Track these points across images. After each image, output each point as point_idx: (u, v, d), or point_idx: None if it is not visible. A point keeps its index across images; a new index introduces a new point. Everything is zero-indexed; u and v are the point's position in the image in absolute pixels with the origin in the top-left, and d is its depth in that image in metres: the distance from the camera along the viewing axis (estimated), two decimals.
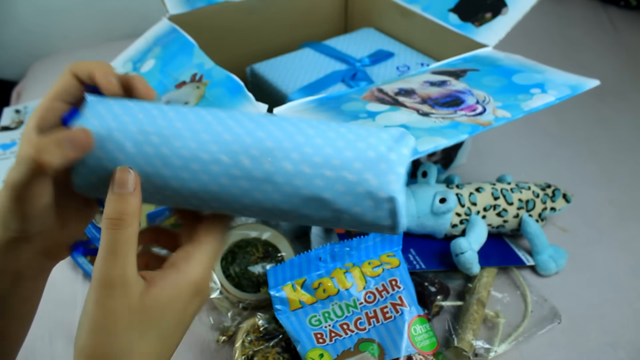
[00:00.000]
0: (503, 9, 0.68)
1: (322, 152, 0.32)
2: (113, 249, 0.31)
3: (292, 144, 0.32)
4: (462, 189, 0.66)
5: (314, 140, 0.32)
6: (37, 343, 0.59)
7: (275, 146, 0.32)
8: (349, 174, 0.32)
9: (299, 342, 0.54)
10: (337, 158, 0.32)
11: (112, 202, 0.31)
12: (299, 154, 0.32)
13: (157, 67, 0.66)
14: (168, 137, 0.33)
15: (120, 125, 0.33)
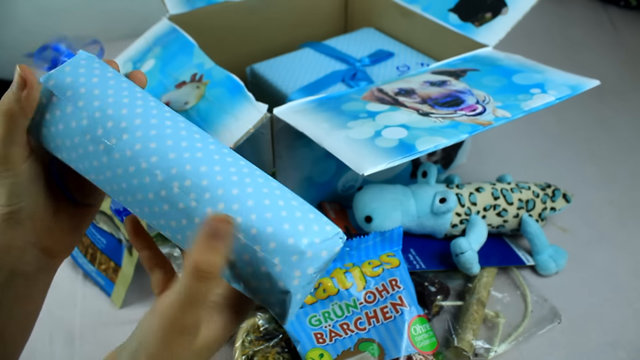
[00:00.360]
0: (503, 9, 0.68)
1: (247, 217, 0.32)
2: (193, 299, 0.31)
3: (225, 196, 0.32)
4: (462, 189, 0.66)
5: (247, 201, 0.32)
6: (37, 343, 0.59)
7: (208, 187, 0.32)
8: (260, 250, 0.31)
9: (299, 342, 0.54)
10: (257, 228, 0.31)
11: (205, 253, 0.30)
12: (226, 209, 0.32)
13: (157, 67, 0.66)
14: (119, 129, 0.33)
15: (86, 93, 0.34)
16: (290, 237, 0.31)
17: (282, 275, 0.31)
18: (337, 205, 0.69)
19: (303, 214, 0.33)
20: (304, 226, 0.32)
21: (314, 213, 0.33)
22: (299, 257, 0.31)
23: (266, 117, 0.54)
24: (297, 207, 0.33)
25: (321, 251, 0.32)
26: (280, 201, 0.33)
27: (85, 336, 0.60)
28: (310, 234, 0.32)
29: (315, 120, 0.52)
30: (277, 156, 0.61)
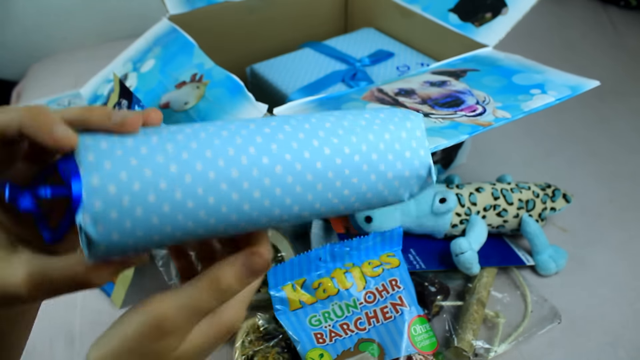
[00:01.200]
0: (503, 9, 0.68)
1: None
2: (199, 310, 0.30)
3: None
4: (462, 189, 0.66)
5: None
6: (37, 343, 0.59)
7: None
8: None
9: (299, 342, 0.54)
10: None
11: (235, 279, 0.31)
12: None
13: (157, 67, 0.66)
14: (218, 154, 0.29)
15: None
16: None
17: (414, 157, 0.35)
18: None
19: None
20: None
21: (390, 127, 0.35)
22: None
23: None
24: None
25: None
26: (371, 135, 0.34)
27: (85, 336, 0.60)
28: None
29: None
30: None
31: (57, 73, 1.10)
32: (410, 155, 0.34)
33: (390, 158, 0.34)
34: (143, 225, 0.27)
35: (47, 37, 1.19)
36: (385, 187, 0.34)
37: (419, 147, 0.35)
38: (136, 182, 0.26)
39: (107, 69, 0.72)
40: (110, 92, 0.67)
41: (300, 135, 0.32)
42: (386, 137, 0.34)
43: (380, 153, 0.34)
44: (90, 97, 0.70)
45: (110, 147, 0.27)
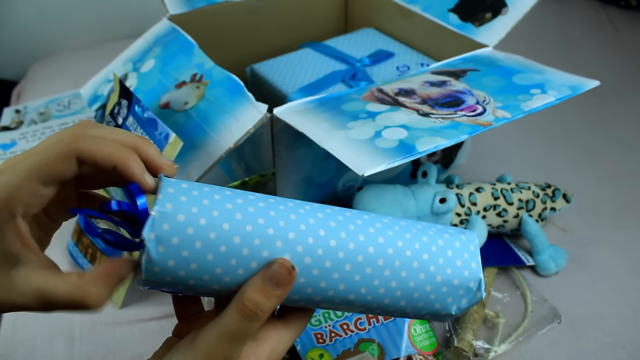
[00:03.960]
0: (503, 9, 0.68)
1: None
2: (234, 334, 0.31)
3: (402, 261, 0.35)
4: (462, 189, 0.66)
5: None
6: (37, 343, 0.59)
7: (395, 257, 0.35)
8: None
9: (299, 342, 0.54)
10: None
11: (258, 293, 0.30)
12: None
13: (157, 67, 0.66)
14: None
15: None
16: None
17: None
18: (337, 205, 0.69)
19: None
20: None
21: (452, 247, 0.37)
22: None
23: (266, 117, 0.54)
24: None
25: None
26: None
27: (85, 336, 0.60)
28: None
29: (315, 120, 0.52)
30: (277, 156, 0.61)
31: (57, 73, 1.10)
32: (462, 264, 0.36)
33: (440, 262, 0.35)
34: (198, 259, 0.30)
35: (47, 37, 1.19)
36: (433, 290, 0.35)
37: (471, 259, 0.36)
38: (202, 218, 0.30)
39: (107, 69, 0.72)
40: (110, 92, 0.67)
41: (358, 222, 0.35)
42: (440, 243, 0.36)
43: (432, 255, 0.35)
44: (90, 97, 0.70)
45: (189, 187, 0.31)
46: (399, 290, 0.34)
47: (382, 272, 0.34)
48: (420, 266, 0.34)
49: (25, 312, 0.62)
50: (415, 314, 0.36)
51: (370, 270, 0.33)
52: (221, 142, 0.54)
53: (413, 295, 0.35)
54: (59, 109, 0.96)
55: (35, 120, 0.94)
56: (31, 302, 0.29)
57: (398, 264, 0.34)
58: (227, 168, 0.77)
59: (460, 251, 0.36)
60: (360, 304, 0.34)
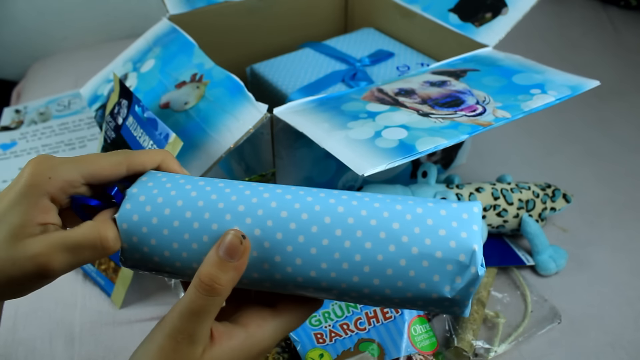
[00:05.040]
0: (503, 9, 0.68)
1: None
2: (194, 311, 0.30)
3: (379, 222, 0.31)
4: (462, 189, 0.66)
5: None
6: (37, 343, 0.59)
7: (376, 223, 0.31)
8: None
9: (299, 342, 0.54)
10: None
11: (212, 266, 0.30)
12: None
13: (157, 67, 0.66)
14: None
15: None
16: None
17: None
18: None
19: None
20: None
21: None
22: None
23: (266, 117, 0.54)
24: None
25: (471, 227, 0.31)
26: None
27: (85, 336, 0.60)
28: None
29: (315, 120, 0.52)
30: (277, 156, 0.61)
31: (57, 73, 1.10)
32: (446, 234, 0.29)
33: (416, 231, 0.29)
34: (156, 235, 0.32)
35: (47, 37, 1.19)
36: (410, 265, 0.29)
37: (462, 228, 0.29)
38: (160, 197, 0.33)
39: (107, 69, 0.72)
40: (110, 92, 0.67)
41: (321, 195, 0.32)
42: (418, 211, 0.30)
43: (405, 223, 0.29)
44: (90, 97, 0.70)
45: (164, 177, 0.35)
46: (367, 266, 0.29)
47: (341, 244, 0.29)
48: (388, 236, 0.29)
49: (25, 312, 0.62)
50: (401, 298, 0.30)
51: (328, 242, 0.30)
52: (221, 142, 0.54)
53: (386, 272, 0.29)
54: (59, 109, 0.96)
55: (35, 120, 0.94)
56: (58, 259, 0.31)
57: (360, 234, 0.29)
58: (227, 168, 0.77)
59: (446, 219, 0.30)
60: (327, 284, 0.31)
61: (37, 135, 0.90)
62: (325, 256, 0.30)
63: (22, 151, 0.87)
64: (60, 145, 0.87)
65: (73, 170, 0.33)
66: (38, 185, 0.32)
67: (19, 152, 0.87)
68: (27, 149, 0.87)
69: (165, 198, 0.33)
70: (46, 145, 0.87)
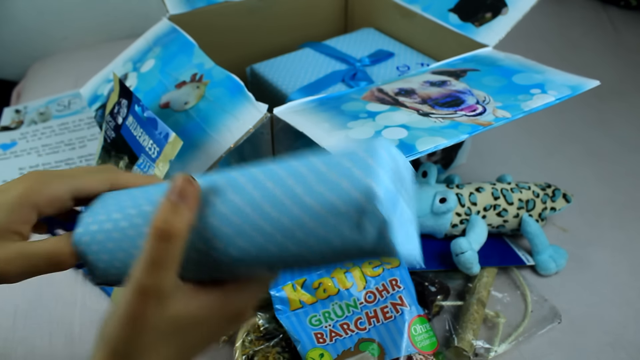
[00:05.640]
0: (503, 9, 0.68)
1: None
2: (153, 260, 0.30)
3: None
4: (462, 188, 0.66)
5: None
6: (37, 342, 0.59)
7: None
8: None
9: (299, 341, 0.54)
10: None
11: (164, 212, 0.30)
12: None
13: (157, 67, 0.66)
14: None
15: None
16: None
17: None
18: None
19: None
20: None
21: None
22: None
23: (266, 117, 0.54)
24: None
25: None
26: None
27: (85, 336, 0.60)
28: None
29: (315, 120, 0.52)
30: (277, 156, 0.61)
31: (57, 73, 1.10)
32: (343, 179, 0.27)
33: (316, 188, 0.28)
34: (103, 249, 0.36)
35: (47, 37, 1.19)
36: (317, 223, 0.28)
37: (356, 167, 0.27)
38: (106, 223, 0.36)
39: (107, 69, 0.72)
40: (110, 92, 0.67)
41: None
42: (319, 167, 0.28)
43: (307, 184, 0.28)
44: (90, 97, 0.70)
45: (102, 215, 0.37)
46: (278, 234, 0.29)
47: (253, 221, 0.29)
48: (293, 201, 0.28)
49: (25, 311, 0.62)
50: (325, 259, 0.29)
51: (239, 221, 0.30)
52: (221, 142, 0.54)
53: (296, 235, 0.28)
54: (59, 109, 0.96)
55: (35, 120, 0.94)
56: (14, 265, 0.35)
57: (269, 207, 0.29)
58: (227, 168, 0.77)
59: (343, 166, 0.27)
60: (250, 258, 0.30)
61: (37, 135, 0.90)
62: (244, 235, 0.30)
63: (22, 151, 0.87)
64: (60, 145, 0.87)
65: (62, 186, 0.36)
66: (29, 197, 0.35)
67: (19, 152, 0.87)
68: (27, 149, 0.87)
69: (108, 215, 0.36)
70: (46, 145, 0.87)
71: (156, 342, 0.32)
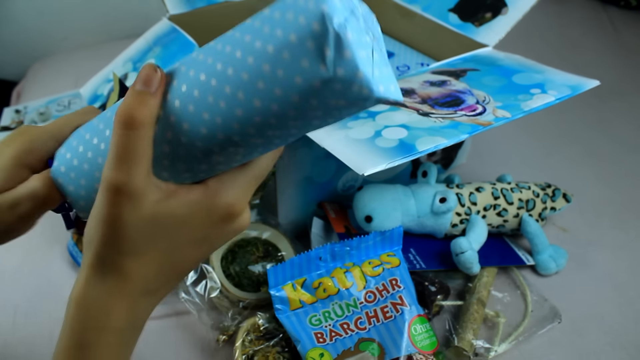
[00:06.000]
0: (503, 9, 0.68)
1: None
2: (121, 154, 0.29)
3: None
4: (462, 188, 0.66)
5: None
6: (37, 341, 0.59)
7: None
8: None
9: (299, 341, 0.54)
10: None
11: (129, 100, 0.29)
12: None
13: None
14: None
15: None
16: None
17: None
18: (337, 205, 0.69)
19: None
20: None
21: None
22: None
23: None
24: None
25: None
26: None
27: None
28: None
29: None
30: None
31: (57, 73, 1.10)
32: (294, 14, 0.26)
33: (266, 30, 0.26)
34: (80, 173, 0.36)
35: (47, 37, 1.19)
36: (275, 65, 0.26)
37: (309, 1, 0.25)
38: (74, 141, 0.37)
39: (107, 69, 0.72)
40: (110, 92, 0.67)
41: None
42: (265, 12, 0.27)
43: (255, 30, 0.27)
44: (90, 97, 0.70)
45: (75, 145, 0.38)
46: (240, 92, 0.28)
47: (210, 85, 0.28)
48: (244, 51, 0.27)
49: (25, 311, 0.62)
50: (291, 107, 0.27)
51: (198, 94, 0.29)
52: None
53: (258, 86, 0.27)
54: (59, 109, 0.96)
55: (35, 120, 0.94)
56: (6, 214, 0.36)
57: (220, 66, 0.28)
58: None
59: (291, 3, 0.26)
60: (222, 129, 0.29)
61: None
62: (207, 106, 0.29)
63: None
64: None
65: (49, 142, 0.37)
66: (20, 158, 0.37)
67: None
68: None
69: (79, 140, 0.36)
70: None
71: (138, 243, 0.30)
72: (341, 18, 0.25)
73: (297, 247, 0.66)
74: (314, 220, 0.66)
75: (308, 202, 0.68)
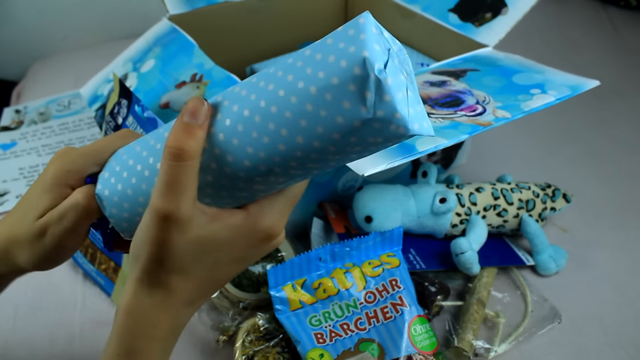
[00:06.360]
0: (503, 9, 0.68)
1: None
2: (170, 184, 0.30)
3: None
4: (462, 189, 0.66)
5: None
6: (37, 342, 0.59)
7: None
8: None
9: (299, 342, 0.54)
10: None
11: (177, 132, 0.30)
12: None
13: (157, 67, 0.66)
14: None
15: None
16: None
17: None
18: (337, 205, 0.69)
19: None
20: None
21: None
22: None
23: None
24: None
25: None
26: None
27: (85, 336, 0.60)
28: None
29: None
30: None
31: (57, 73, 1.10)
32: (336, 57, 0.27)
33: (308, 72, 0.28)
34: (123, 197, 0.37)
35: (47, 37, 1.19)
36: (317, 106, 0.28)
37: (350, 44, 0.27)
38: (117, 166, 0.38)
39: (107, 69, 0.72)
40: (110, 92, 0.67)
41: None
42: (307, 53, 0.29)
43: (297, 71, 0.29)
44: (90, 97, 0.70)
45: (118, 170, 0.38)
46: (283, 129, 0.29)
47: (254, 121, 0.30)
48: (287, 91, 0.29)
49: (25, 312, 0.62)
50: (332, 144, 0.29)
51: (242, 128, 0.30)
52: None
53: (300, 124, 0.28)
54: (59, 109, 0.96)
55: (35, 120, 0.94)
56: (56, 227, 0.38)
57: (264, 104, 0.29)
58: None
59: (333, 45, 0.28)
60: (265, 163, 0.30)
61: (37, 136, 0.90)
62: (251, 140, 0.30)
63: (22, 151, 0.87)
64: (60, 146, 0.87)
65: (87, 161, 0.39)
66: (60, 178, 0.38)
67: (19, 152, 0.87)
68: (27, 149, 0.87)
69: (122, 165, 0.37)
70: (46, 146, 0.87)
71: (184, 262, 0.33)
72: (381, 64, 0.27)
73: (297, 247, 0.66)
74: (314, 221, 0.66)
75: (308, 202, 0.68)
